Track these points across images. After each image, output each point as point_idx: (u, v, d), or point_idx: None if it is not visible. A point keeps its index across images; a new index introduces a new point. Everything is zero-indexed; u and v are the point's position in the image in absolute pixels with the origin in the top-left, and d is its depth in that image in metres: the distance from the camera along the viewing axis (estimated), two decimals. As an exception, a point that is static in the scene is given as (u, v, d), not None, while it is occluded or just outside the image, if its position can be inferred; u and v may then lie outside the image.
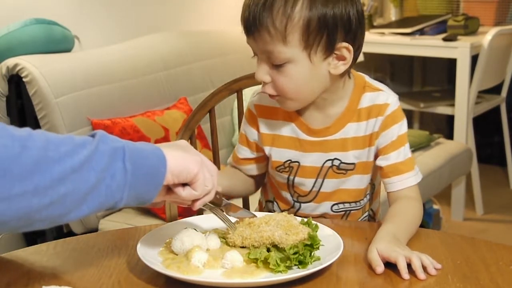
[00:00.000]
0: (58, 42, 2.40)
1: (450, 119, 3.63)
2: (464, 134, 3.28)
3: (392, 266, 1.08)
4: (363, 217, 1.43)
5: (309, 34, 1.19)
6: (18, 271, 1.11)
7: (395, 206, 1.28)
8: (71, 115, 2.28)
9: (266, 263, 1.06)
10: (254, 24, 1.20)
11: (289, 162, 1.37)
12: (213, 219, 1.20)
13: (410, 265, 1.07)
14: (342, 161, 1.34)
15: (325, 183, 1.36)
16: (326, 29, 1.20)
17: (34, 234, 2.42)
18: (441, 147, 3.10)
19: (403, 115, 1.34)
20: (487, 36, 3.20)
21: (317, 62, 1.22)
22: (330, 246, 1.11)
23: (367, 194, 1.41)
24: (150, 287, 1.04)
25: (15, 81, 2.26)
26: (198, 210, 1.53)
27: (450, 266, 1.10)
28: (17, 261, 1.16)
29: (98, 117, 2.33)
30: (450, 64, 3.71)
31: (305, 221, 1.17)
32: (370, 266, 1.09)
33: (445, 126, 4.09)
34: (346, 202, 1.38)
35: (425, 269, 1.07)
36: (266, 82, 1.25)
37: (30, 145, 0.89)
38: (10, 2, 2.45)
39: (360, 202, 1.39)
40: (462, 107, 3.27)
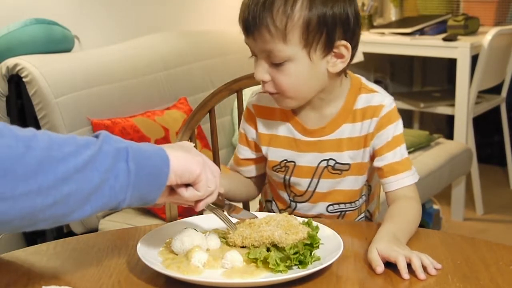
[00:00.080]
0: (58, 42, 2.40)
1: (450, 119, 3.63)
2: (464, 134, 3.28)
3: (392, 266, 1.08)
4: (359, 218, 1.44)
5: (309, 33, 1.20)
6: (18, 271, 1.11)
7: (394, 206, 1.28)
8: (71, 115, 2.28)
9: (265, 263, 1.06)
10: (254, 23, 1.21)
11: (285, 161, 1.37)
12: (213, 219, 1.20)
13: (410, 265, 1.07)
14: (337, 161, 1.34)
15: (320, 183, 1.36)
16: (326, 27, 1.21)
17: (34, 234, 2.41)
18: (441, 147, 3.10)
19: (399, 116, 1.34)
20: (487, 36, 3.20)
21: (316, 60, 1.23)
22: (330, 246, 1.11)
23: (363, 195, 1.41)
24: (150, 287, 1.04)
25: (15, 81, 2.26)
26: (198, 211, 1.54)
27: (450, 266, 1.10)
28: (17, 261, 1.16)
29: (98, 117, 2.33)
30: (450, 64, 3.71)
31: (305, 221, 1.17)
32: (370, 266, 1.09)
33: (445, 126, 4.09)
34: (341, 203, 1.39)
35: (425, 269, 1.07)
36: (265, 81, 1.26)
37: (34, 145, 0.89)
38: (10, 2, 2.45)
39: (355, 203, 1.40)
40: (462, 107, 3.27)
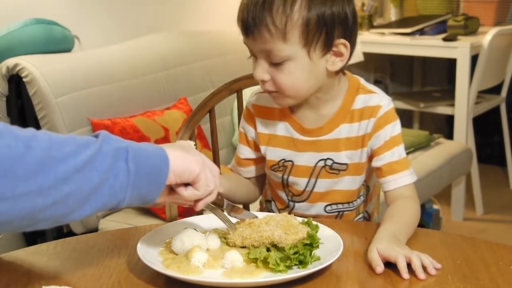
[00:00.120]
0: (58, 42, 2.40)
1: (450, 119, 3.63)
2: (464, 134, 3.28)
3: (392, 266, 1.08)
4: (358, 218, 1.44)
5: (308, 32, 1.21)
6: (18, 271, 1.11)
7: (393, 206, 1.28)
8: (71, 115, 2.28)
9: (265, 263, 1.06)
10: (253, 23, 1.21)
11: (283, 161, 1.38)
12: (213, 219, 1.20)
13: (410, 265, 1.07)
14: (335, 161, 1.35)
15: (318, 183, 1.37)
16: (325, 26, 1.22)
17: (34, 234, 2.41)
18: (441, 147, 3.10)
19: (396, 117, 1.34)
20: (487, 36, 3.20)
21: (315, 59, 1.24)
22: (330, 246, 1.11)
23: (361, 196, 1.41)
24: (150, 287, 1.04)
25: (15, 81, 2.26)
26: (198, 210, 1.54)
27: (450, 266, 1.10)
28: (17, 261, 1.16)
29: (98, 117, 2.33)
30: (450, 64, 3.71)
31: (305, 221, 1.17)
32: (370, 266, 1.09)
33: (445, 126, 4.09)
34: (339, 203, 1.39)
35: (425, 269, 1.07)
36: (265, 80, 1.26)
37: (33, 145, 0.89)
38: (10, 2, 2.45)
39: (353, 203, 1.40)
40: (462, 107, 3.27)
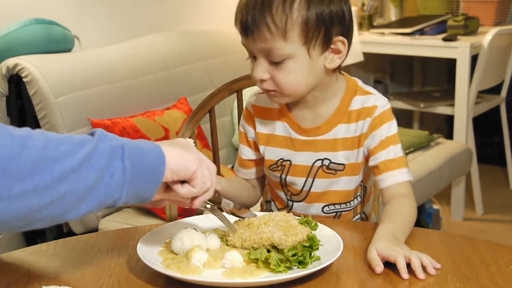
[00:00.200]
0: (58, 42, 2.40)
1: (450, 119, 3.63)
2: (464, 134, 3.28)
3: (391, 265, 1.08)
4: (355, 219, 1.44)
5: (308, 30, 1.23)
6: (18, 271, 1.11)
7: (391, 205, 1.28)
8: (71, 115, 2.28)
9: (266, 263, 1.06)
10: (253, 23, 1.22)
11: (281, 160, 1.39)
12: (213, 219, 1.20)
13: (409, 264, 1.07)
14: (332, 161, 1.35)
15: (315, 183, 1.37)
16: (324, 24, 1.24)
17: (34, 234, 2.41)
18: (441, 147, 3.10)
19: (393, 117, 1.35)
20: (487, 36, 3.20)
21: (315, 57, 1.26)
22: (330, 246, 1.11)
23: (358, 196, 1.41)
24: (150, 287, 1.04)
25: (15, 81, 2.26)
26: (198, 211, 1.54)
27: (450, 266, 1.10)
28: (17, 261, 1.16)
29: (98, 117, 2.33)
30: (450, 64, 3.71)
31: (304, 219, 1.17)
32: (370, 266, 1.09)
33: (445, 126, 4.09)
34: (336, 203, 1.39)
35: (424, 269, 1.07)
36: (265, 79, 1.27)
37: (29, 144, 0.89)
38: (10, 2, 2.45)
39: (350, 203, 1.40)
40: (462, 107, 3.27)
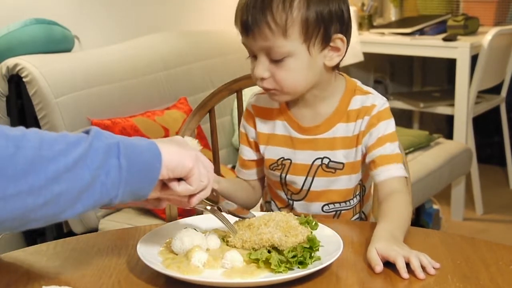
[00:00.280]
0: (58, 42, 2.40)
1: (450, 119, 3.63)
2: (464, 134, 3.28)
3: (391, 265, 1.08)
4: (354, 218, 1.44)
5: (308, 27, 1.24)
6: (18, 271, 1.11)
7: (387, 203, 1.27)
8: (71, 115, 2.28)
9: (267, 263, 1.06)
10: (254, 22, 1.24)
11: (282, 159, 1.39)
12: (213, 219, 1.19)
13: (409, 264, 1.07)
14: (331, 159, 1.36)
15: (315, 182, 1.38)
16: (323, 21, 1.25)
17: (34, 234, 2.41)
18: (441, 147, 3.10)
19: (391, 116, 1.36)
20: (487, 36, 3.20)
21: (314, 54, 1.27)
22: (330, 246, 1.11)
23: (357, 195, 1.42)
24: (150, 287, 1.04)
25: (15, 81, 2.26)
26: (198, 211, 1.54)
27: (450, 266, 1.10)
28: (17, 261, 1.16)
29: (98, 117, 2.33)
30: (450, 64, 3.71)
31: (304, 219, 1.17)
32: (369, 266, 1.09)
33: (445, 126, 4.09)
34: (336, 202, 1.40)
35: (423, 268, 1.07)
36: (265, 78, 1.28)
37: (24, 145, 0.88)
38: (10, 2, 2.45)
39: (349, 202, 1.41)
40: (462, 107, 3.27)
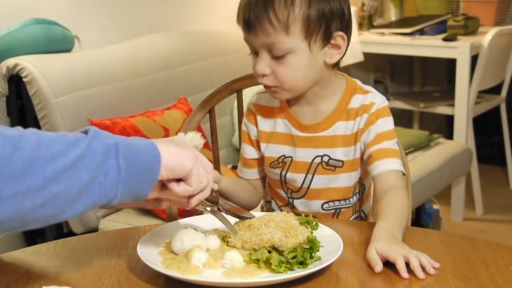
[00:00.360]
0: (58, 42, 2.40)
1: (450, 119, 3.63)
2: (464, 134, 3.28)
3: (391, 265, 1.08)
4: (354, 217, 1.45)
5: (309, 24, 1.26)
6: (18, 271, 1.11)
7: (385, 200, 1.27)
8: (71, 115, 2.28)
9: (267, 263, 1.06)
10: (256, 19, 1.25)
11: (283, 157, 1.40)
12: (213, 219, 1.19)
13: (409, 264, 1.07)
14: (331, 157, 1.37)
15: (314, 179, 1.39)
16: (324, 19, 1.27)
17: (34, 234, 2.41)
18: (441, 147, 3.10)
19: (389, 113, 1.37)
20: (487, 36, 3.20)
21: (315, 52, 1.29)
22: (330, 246, 1.11)
23: (356, 193, 1.42)
24: (150, 287, 1.04)
25: (15, 81, 2.26)
26: (198, 211, 1.53)
27: (450, 266, 1.10)
28: (17, 261, 1.16)
29: (98, 117, 2.33)
30: (450, 64, 3.71)
31: (305, 219, 1.17)
32: (369, 266, 1.09)
33: (445, 126, 4.09)
34: (335, 200, 1.40)
35: (423, 268, 1.07)
36: (266, 74, 1.29)
37: (21, 145, 0.88)
38: (10, 2, 2.45)
39: (349, 200, 1.41)
40: (462, 107, 3.27)
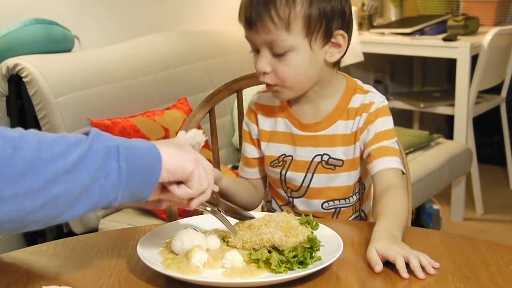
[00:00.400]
0: (58, 42, 2.40)
1: (450, 119, 3.63)
2: (464, 134, 3.28)
3: (391, 265, 1.07)
4: (354, 216, 1.45)
5: (310, 22, 1.27)
6: (18, 271, 1.11)
7: (385, 199, 1.27)
8: (71, 115, 2.28)
9: (267, 263, 1.06)
10: (257, 16, 1.26)
11: (283, 156, 1.41)
12: (213, 219, 1.19)
13: (409, 264, 1.07)
14: (331, 156, 1.38)
15: (314, 178, 1.39)
16: (325, 17, 1.28)
17: (34, 234, 2.41)
18: (441, 147, 3.10)
19: (389, 113, 1.38)
20: (487, 36, 3.20)
21: (316, 50, 1.29)
22: (330, 246, 1.11)
23: (356, 193, 1.43)
24: (150, 287, 1.04)
25: (15, 81, 2.26)
26: (198, 211, 1.53)
27: (450, 266, 1.10)
28: (17, 261, 1.16)
29: (98, 117, 2.33)
30: (450, 64, 3.71)
31: (305, 219, 1.17)
32: (370, 266, 1.09)
33: (445, 126, 4.09)
34: (335, 199, 1.41)
35: (423, 268, 1.07)
36: (267, 72, 1.30)
37: (22, 146, 0.88)
38: (10, 2, 2.45)
39: (349, 199, 1.42)
40: (462, 107, 3.27)
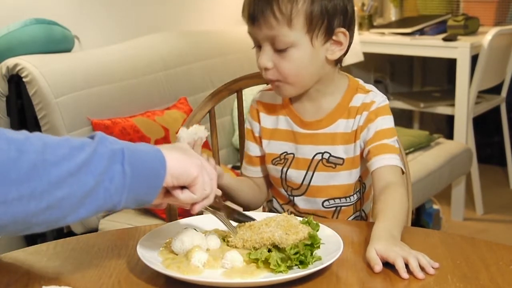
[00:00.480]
0: (58, 42, 2.40)
1: (450, 119, 3.63)
2: (464, 134, 3.28)
3: (391, 265, 1.07)
4: (354, 216, 1.45)
5: (312, 18, 1.28)
6: (18, 271, 1.11)
7: (385, 198, 1.27)
8: (71, 115, 2.28)
9: (267, 263, 1.06)
10: (260, 11, 1.27)
11: (285, 154, 1.42)
12: (213, 219, 1.20)
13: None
14: (332, 154, 1.38)
15: (315, 176, 1.39)
16: (327, 14, 1.29)
17: (34, 234, 2.40)
18: (441, 147, 3.10)
19: (389, 113, 1.38)
20: (487, 36, 3.20)
21: (317, 47, 1.30)
22: (330, 246, 1.11)
23: (357, 192, 1.43)
24: (150, 287, 1.04)
25: (15, 81, 2.26)
26: (199, 211, 1.54)
27: (450, 266, 1.10)
28: (17, 261, 1.16)
29: (98, 117, 2.33)
30: (450, 64, 3.71)
31: (305, 220, 1.17)
32: (369, 266, 1.09)
33: (445, 126, 4.09)
34: (336, 198, 1.41)
35: (423, 269, 1.07)
36: (269, 68, 1.31)
37: (27, 149, 0.88)
38: (10, 2, 2.45)
39: (350, 198, 1.42)
40: (462, 107, 3.27)
